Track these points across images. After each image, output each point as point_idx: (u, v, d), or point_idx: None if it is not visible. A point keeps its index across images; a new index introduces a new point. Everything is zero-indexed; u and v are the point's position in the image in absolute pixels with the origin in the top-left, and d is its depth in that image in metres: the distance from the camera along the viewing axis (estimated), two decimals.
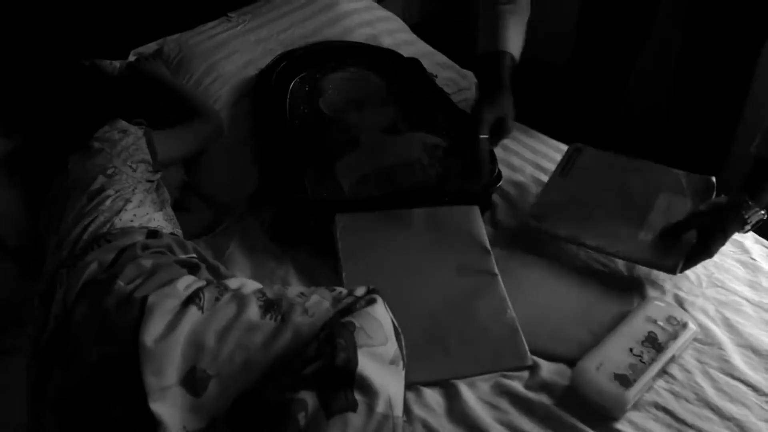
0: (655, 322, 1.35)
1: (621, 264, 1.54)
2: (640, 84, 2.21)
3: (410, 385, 1.29)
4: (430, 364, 1.35)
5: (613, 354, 1.30)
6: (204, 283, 1.24)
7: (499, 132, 1.59)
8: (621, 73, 2.15)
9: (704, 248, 1.43)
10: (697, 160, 1.95)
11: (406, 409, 1.25)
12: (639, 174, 1.66)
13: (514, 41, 1.67)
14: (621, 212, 1.58)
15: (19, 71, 1.83)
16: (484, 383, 1.32)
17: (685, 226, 1.47)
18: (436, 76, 2.04)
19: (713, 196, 1.56)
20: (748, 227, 1.43)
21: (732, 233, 1.44)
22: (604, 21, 2.05)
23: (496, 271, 1.50)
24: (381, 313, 1.17)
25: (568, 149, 1.76)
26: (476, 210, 1.63)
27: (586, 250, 1.55)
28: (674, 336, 1.33)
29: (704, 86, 1.95)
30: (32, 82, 1.76)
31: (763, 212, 1.41)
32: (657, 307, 1.39)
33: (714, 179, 1.60)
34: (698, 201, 1.56)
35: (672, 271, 1.45)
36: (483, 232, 1.58)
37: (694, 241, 1.45)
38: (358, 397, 1.07)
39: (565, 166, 1.71)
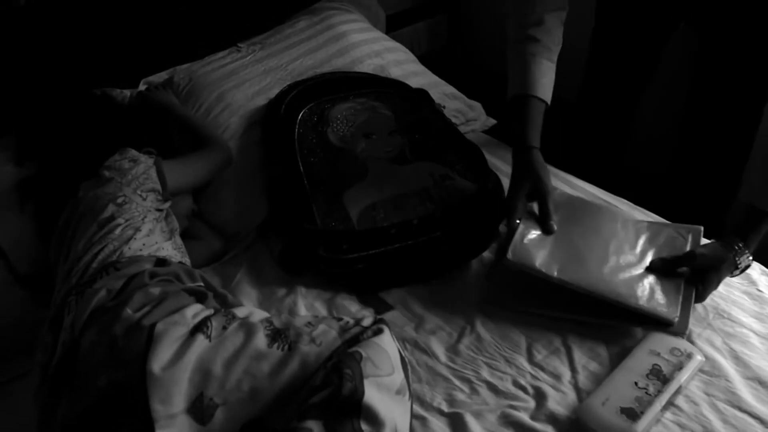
0: (658, 354, 1.35)
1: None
2: (649, 120, 2.22)
3: (416, 416, 1.29)
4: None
5: (618, 389, 1.29)
6: (212, 311, 1.25)
7: (543, 221, 1.58)
8: (628, 108, 2.15)
9: (698, 292, 1.47)
10: (706, 196, 1.96)
11: None
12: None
13: (543, 84, 1.69)
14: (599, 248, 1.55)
15: (31, 100, 1.85)
16: (491, 414, 1.31)
17: (678, 263, 1.50)
18: (444, 107, 2.05)
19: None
20: (737, 272, 1.50)
21: (724, 278, 1.49)
22: (612, 57, 2.07)
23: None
24: (388, 342, 1.18)
25: None
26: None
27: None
28: (679, 367, 1.32)
29: (714, 122, 1.95)
30: (44, 110, 1.78)
31: (751, 258, 1.48)
32: (660, 339, 1.38)
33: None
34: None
35: (671, 323, 1.42)
36: None
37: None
38: (364, 427, 1.07)
39: None
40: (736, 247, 1.46)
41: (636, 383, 1.29)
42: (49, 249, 1.50)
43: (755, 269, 1.59)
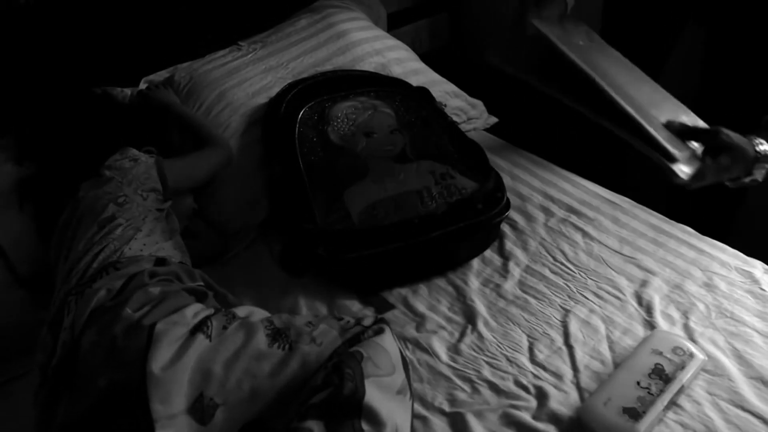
0: (661, 353, 1.34)
1: (630, 294, 1.54)
2: None
3: (418, 416, 1.28)
4: None
5: (620, 389, 1.29)
6: (212, 311, 1.25)
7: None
8: None
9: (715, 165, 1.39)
10: (711, 198, 1.94)
11: None
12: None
13: None
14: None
15: (31, 99, 1.84)
16: (492, 413, 1.31)
17: (697, 135, 1.44)
18: (445, 105, 2.05)
19: None
20: (740, 181, 1.42)
21: (733, 174, 1.42)
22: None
23: None
24: (389, 342, 1.17)
25: None
26: None
27: None
28: (681, 366, 1.32)
29: (721, 123, 1.95)
30: (44, 109, 1.78)
31: (764, 174, 1.40)
32: (662, 338, 1.38)
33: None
34: None
35: (675, 159, 1.35)
36: None
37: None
38: (365, 427, 1.06)
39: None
40: (758, 153, 1.38)
41: (638, 383, 1.29)
42: (48, 249, 1.50)
43: (758, 268, 1.58)
